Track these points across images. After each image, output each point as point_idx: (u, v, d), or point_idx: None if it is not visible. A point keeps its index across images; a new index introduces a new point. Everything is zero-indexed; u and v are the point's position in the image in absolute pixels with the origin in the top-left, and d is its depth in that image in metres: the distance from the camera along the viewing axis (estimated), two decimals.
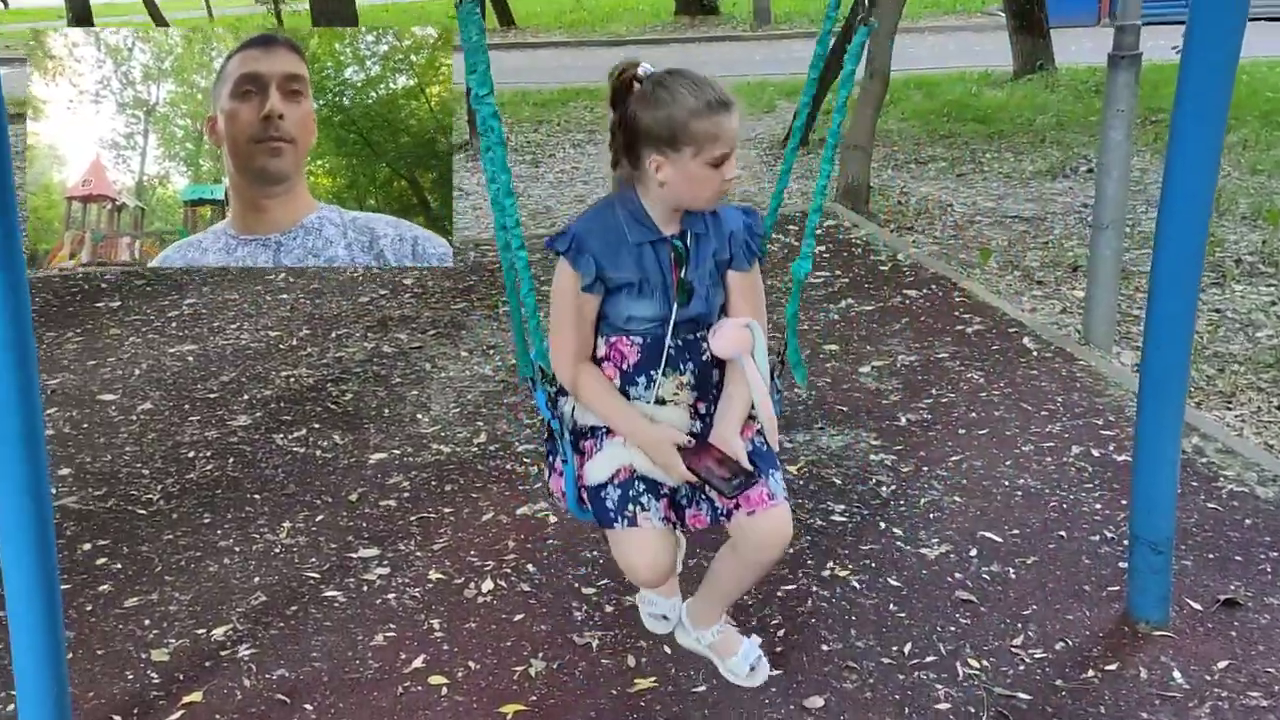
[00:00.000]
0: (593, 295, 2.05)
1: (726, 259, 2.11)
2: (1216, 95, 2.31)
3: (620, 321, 2.09)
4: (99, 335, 5.07)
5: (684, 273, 2.06)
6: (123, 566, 3.13)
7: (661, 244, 2.06)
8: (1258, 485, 3.33)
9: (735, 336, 2.11)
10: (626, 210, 2.06)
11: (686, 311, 2.08)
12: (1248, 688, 2.47)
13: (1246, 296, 5.28)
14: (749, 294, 2.16)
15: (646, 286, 2.05)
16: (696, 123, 1.93)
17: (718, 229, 2.10)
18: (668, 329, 2.08)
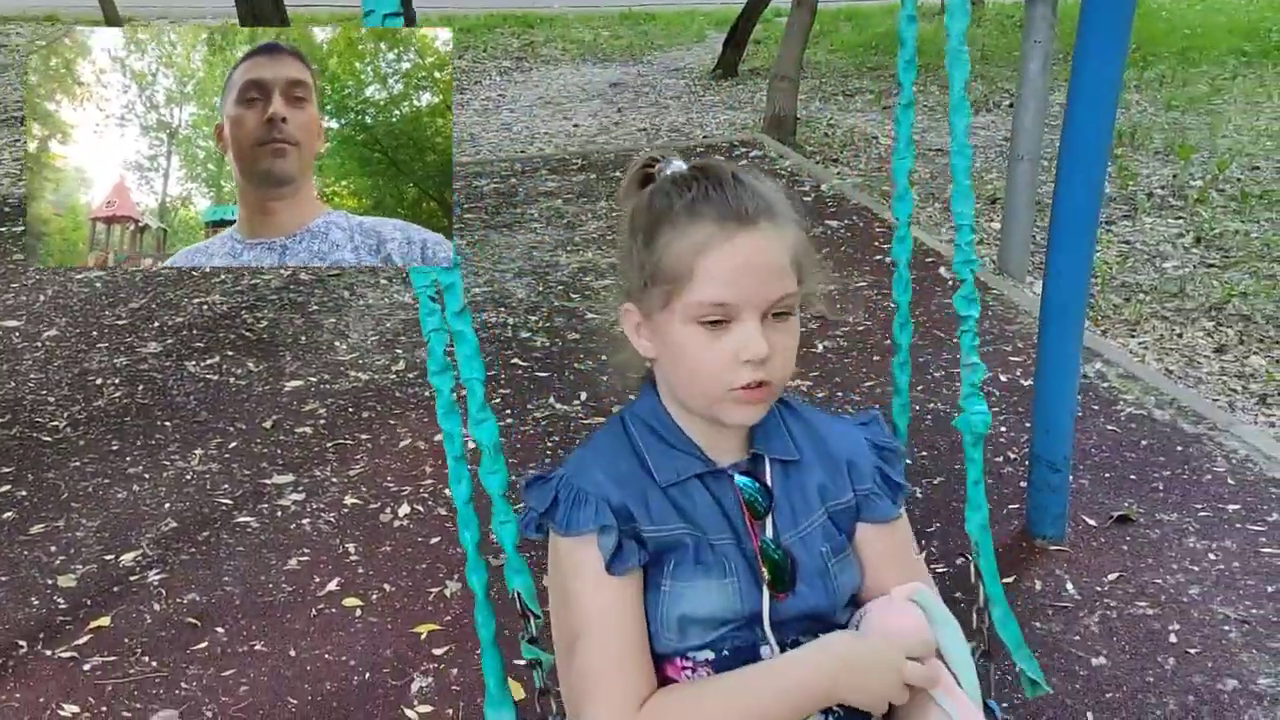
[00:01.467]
0: (629, 577, 1.17)
1: (849, 502, 1.27)
2: (1116, 28, 2.34)
3: (668, 632, 1.18)
4: (2, 261, 4.90)
5: (768, 530, 1.22)
6: (28, 494, 3.07)
7: (719, 479, 1.23)
8: (1155, 409, 3.45)
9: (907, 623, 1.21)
10: (644, 426, 1.24)
11: (793, 604, 1.21)
12: (1135, 598, 2.59)
13: (1155, 228, 5.42)
14: (899, 554, 1.30)
15: (710, 555, 1.19)
16: (668, 234, 1.15)
17: (820, 449, 1.28)
18: (761, 632, 1.20)
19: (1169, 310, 4.47)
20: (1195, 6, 11.98)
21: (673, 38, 11.25)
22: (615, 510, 1.16)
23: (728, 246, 1.12)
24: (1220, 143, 6.83)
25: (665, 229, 1.15)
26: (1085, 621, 2.51)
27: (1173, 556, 2.73)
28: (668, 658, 1.19)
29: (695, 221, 1.13)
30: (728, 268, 1.12)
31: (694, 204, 1.14)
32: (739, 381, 1.13)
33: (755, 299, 1.12)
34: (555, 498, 1.19)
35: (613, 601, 1.15)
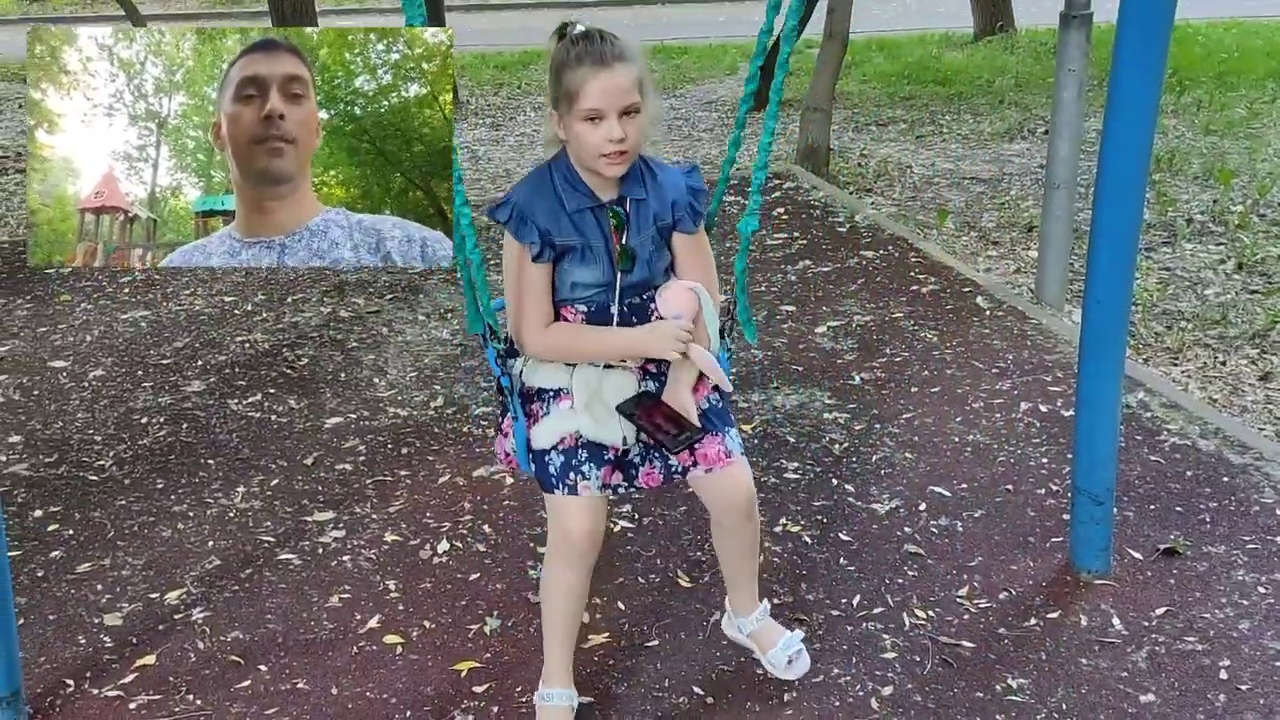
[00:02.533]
0: (544, 264, 2.03)
1: (669, 223, 2.09)
2: (1152, 54, 2.34)
3: (565, 290, 2.08)
4: (49, 302, 5.00)
5: (624, 239, 2.05)
6: (74, 533, 3.12)
7: (600, 210, 2.05)
8: (1199, 439, 3.40)
9: (681, 299, 2.10)
10: (561, 175, 2.05)
11: (630, 278, 2.07)
12: (1184, 633, 2.54)
13: (1196, 255, 5.36)
14: (696, 256, 2.14)
15: (590, 254, 2.04)
16: (568, 74, 1.93)
17: (658, 192, 2.08)
18: (613, 295, 2.07)
19: (1211, 338, 4.41)
20: (1232, 30, 11.88)
21: (705, 71, 11.32)
22: (540, 230, 2.00)
23: (596, 78, 1.91)
24: (1260, 167, 6.76)
25: (566, 69, 1.93)
26: (1133, 658, 2.47)
27: (1221, 590, 2.69)
28: (563, 304, 2.09)
29: (580, 64, 1.92)
30: (597, 90, 1.91)
31: (579, 54, 1.92)
32: (607, 150, 1.94)
33: (614, 106, 1.92)
34: (511, 215, 2.01)
35: (535, 276, 2.04)
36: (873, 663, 2.49)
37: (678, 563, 2.89)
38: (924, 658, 2.50)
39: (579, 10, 17.53)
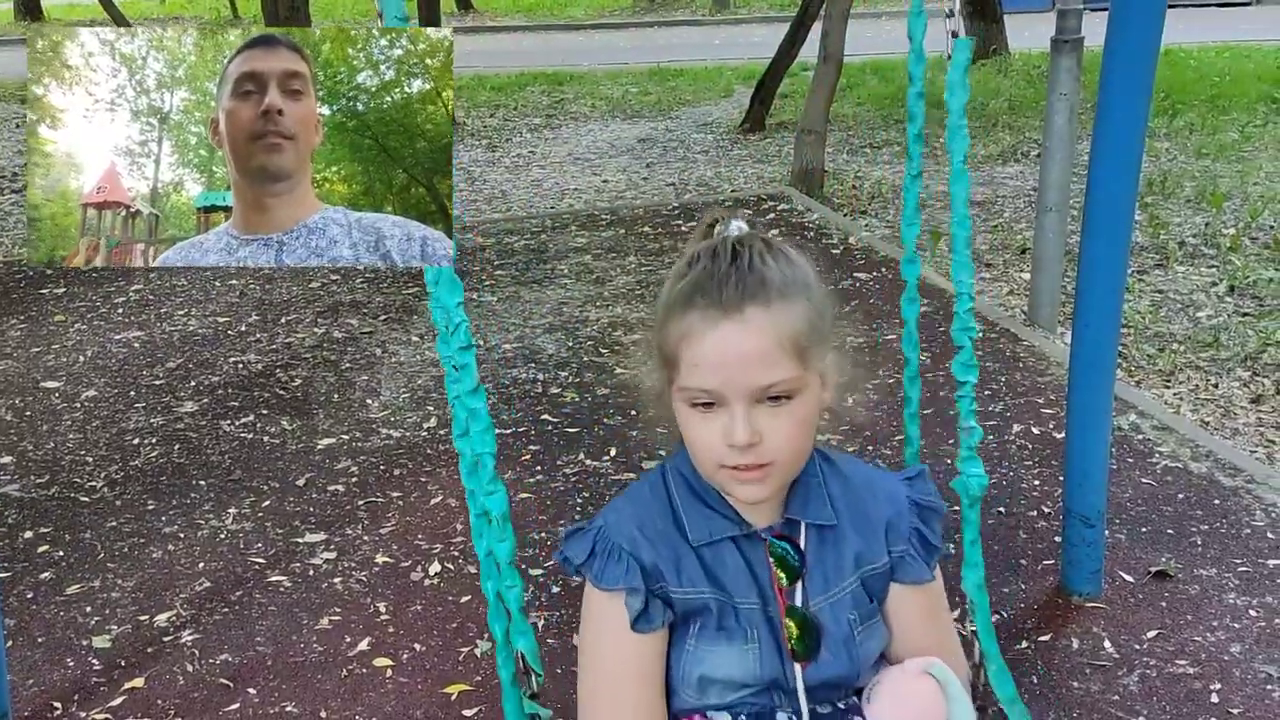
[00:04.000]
0: (653, 634, 1.21)
1: (884, 567, 1.27)
2: (1138, 79, 2.36)
3: (691, 688, 1.23)
4: (43, 322, 5.00)
5: (798, 598, 1.24)
6: (65, 554, 3.11)
7: (750, 542, 1.24)
8: (1191, 461, 3.41)
9: (925, 703, 1.23)
10: (685, 485, 1.25)
11: (815, 671, 1.23)
12: (1175, 656, 2.54)
13: (1188, 277, 5.38)
14: (929, 622, 1.31)
15: (734, 620, 1.21)
16: (670, 321, 1.17)
17: (858, 509, 1.28)
18: (782, 698, 1.23)
19: (1203, 360, 4.42)
20: (1224, 54, 11.96)
21: (700, 93, 11.38)
22: (646, 570, 1.19)
23: (710, 337, 1.13)
24: (1252, 190, 6.79)
25: (668, 310, 1.18)
26: (1124, 680, 2.47)
27: (1213, 613, 2.68)
28: (687, 713, 1.23)
29: (687, 309, 1.15)
30: (710, 359, 1.13)
31: (688, 290, 1.16)
32: (730, 461, 1.15)
33: (740, 388, 1.13)
34: (593, 549, 1.23)
35: (633, 655, 1.21)
36: None
37: None
38: None
39: (571, 34, 17.65)
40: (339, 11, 19.95)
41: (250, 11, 18.14)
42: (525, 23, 19.17)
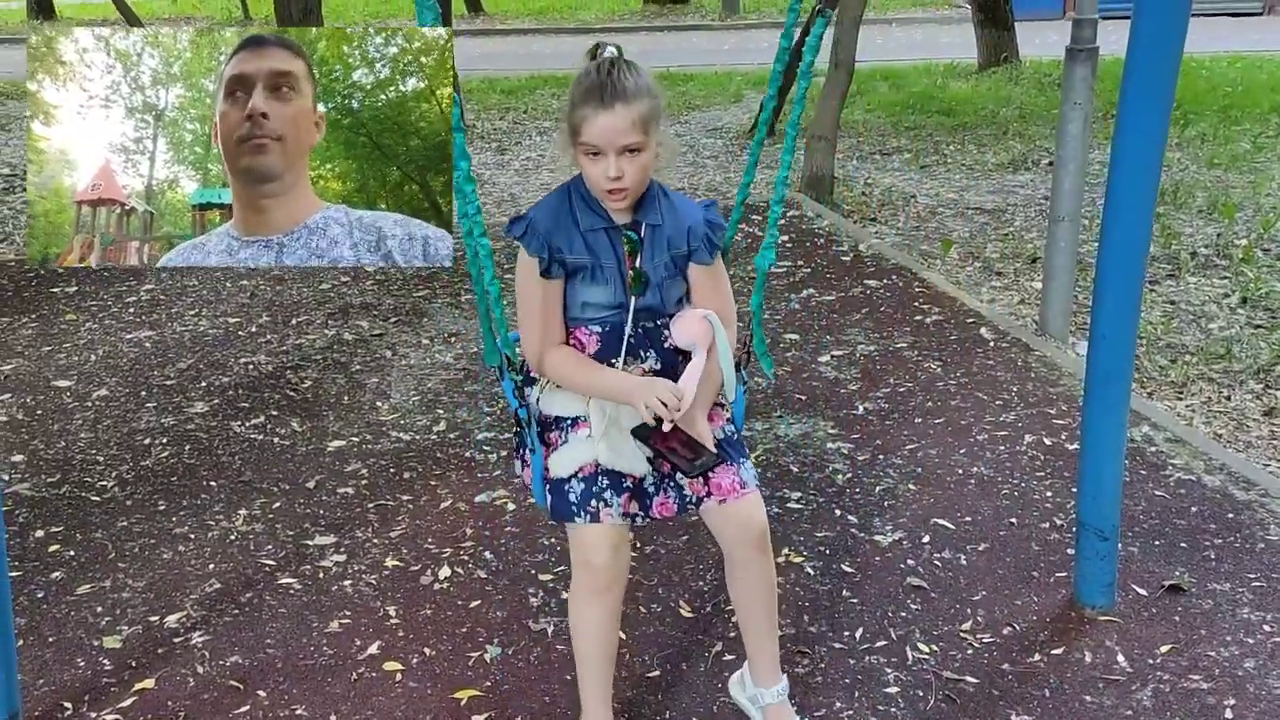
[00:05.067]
0: (553, 280, 2.04)
1: (685, 252, 2.09)
2: (1160, 90, 2.35)
3: (577, 309, 2.08)
4: (54, 321, 5.01)
5: (638, 262, 2.06)
6: (75, 553, 3.11)
7: (614, 231, 2.05)
8: (1204, 474, 3.39)
9: (694, 327, 2.10)
10: (579, 195, 2.06)
11: (643, 300, 2.08)
12: (1189, 671, 2.52)
13: (1201, 288, 5.36)
14: (712, 286, 2.14)
15: (601, 273, 2.05)
16: (575, 111, 1.95)
17: (675, 221, 2.08)
18: (626, 317, 2.07)
19: (1216, 372, 4.41)
20: (1236, 65, 11.95)
21: (710, 98, 11.38)
22: (550, 246, 2.02)
23: (595, 118, 1.92)
24: (1265, 201, 6.78)
25: (573, 99, 1.95)
26: (1138, 695, 2.45)
27: (1226, 628, 2.67)
28: (576, 325, 2.10)
29: (584, 101, 1.93)
30: (594, 130, 1.92)
31: (583, 92, 1.93)
32: (606, 187, 1.97)
33: (612, 145, 1.93)
34: (525, 230, 2.02)
35: (543, 292, 2.05)
36: (875, 697, 2.47)
37: (680, 593, 2.87)
38: (927, 693, 2.48)
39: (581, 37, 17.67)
40: (352, 14, 19.98)
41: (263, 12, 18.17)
42: (535, 26, 19.19)
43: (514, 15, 20.34)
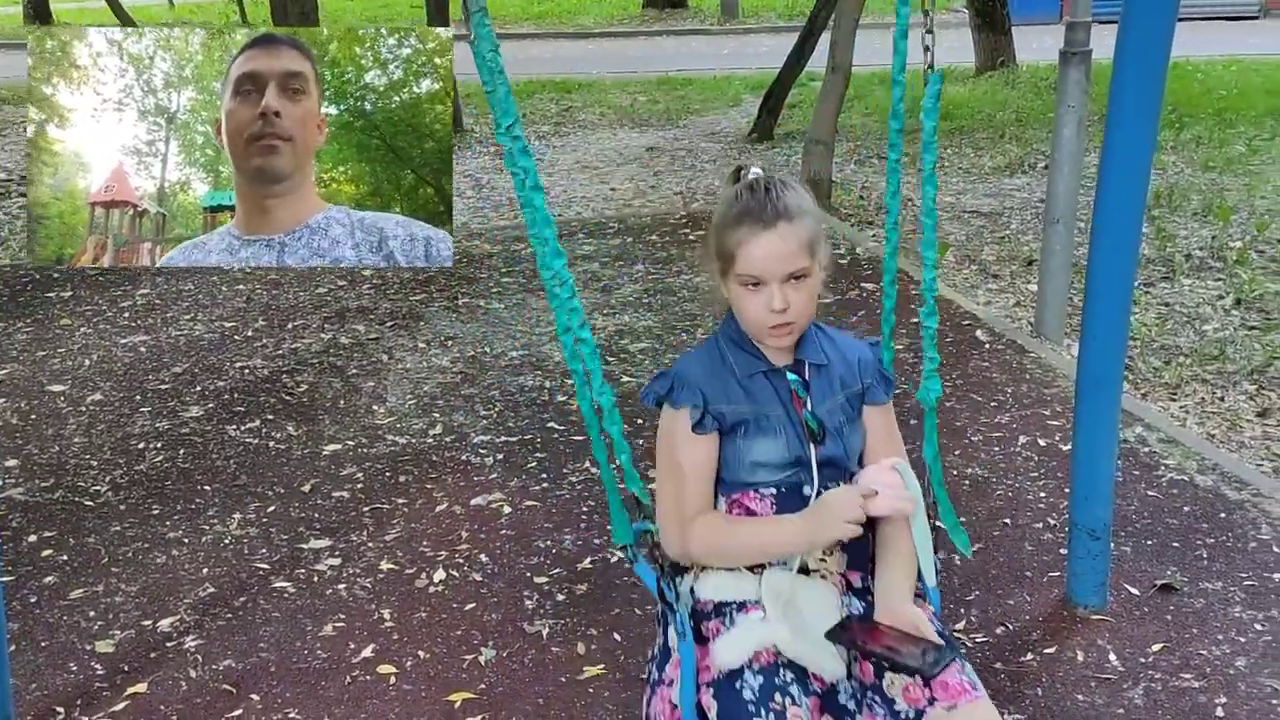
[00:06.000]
0: (707, 435, 1.75)
1: (858, 390, 1.83)
2: (1148, 92, 2.35)
3: (745, 470, 1.77)
4: (49, 326, 5.02)
5: (809, 408, 1.78)
6: (69, 558, 3.11)
7: (775, 374, 1.79)
8: (1197, 474, 3.40)
9: (888, 477, 1.74)
10: (729, 339, 1.82)
11: (823, 451, 1.77)
12: (1180, 670, 2.53)
13: (1195, 290, 5.37)
14: (888, 432, 1.87)
15: (767, 422, 1.76)
16: (726, 234, 1.73)
17: (841, 356, 1.84)
18: (808, 475, 1.76)
19: (1210, 373, 4.41)
20: (1231, 68, 11.96)
21: (709, 103, 11.39)
22: (705, 395, 1.76)
23: (755, 241, 1.70)
24: (1259, 203, 6.78)
25: (725, 225, 1.74)
26: (1129, 694, 2.46)
27: (1218, 627, 2.67)
28: (743, 489, 1.79)
29: (738, 225, 1.72)
30: (756, 255, 1.71)
31: (739, 212, 1.73)
32: (769, 323, 1.73)
33: (775, 273, 1.70)
34: (671, 386, 1.79)
35: (693, 450, 1.77)
36: None
37: None
38: None
39: (579, 42, 17.71)
40: (348, 18, 20.01)
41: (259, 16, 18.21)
42: (534, 30, 19.21)
43: (513, 19, 20.36)
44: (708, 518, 1.77)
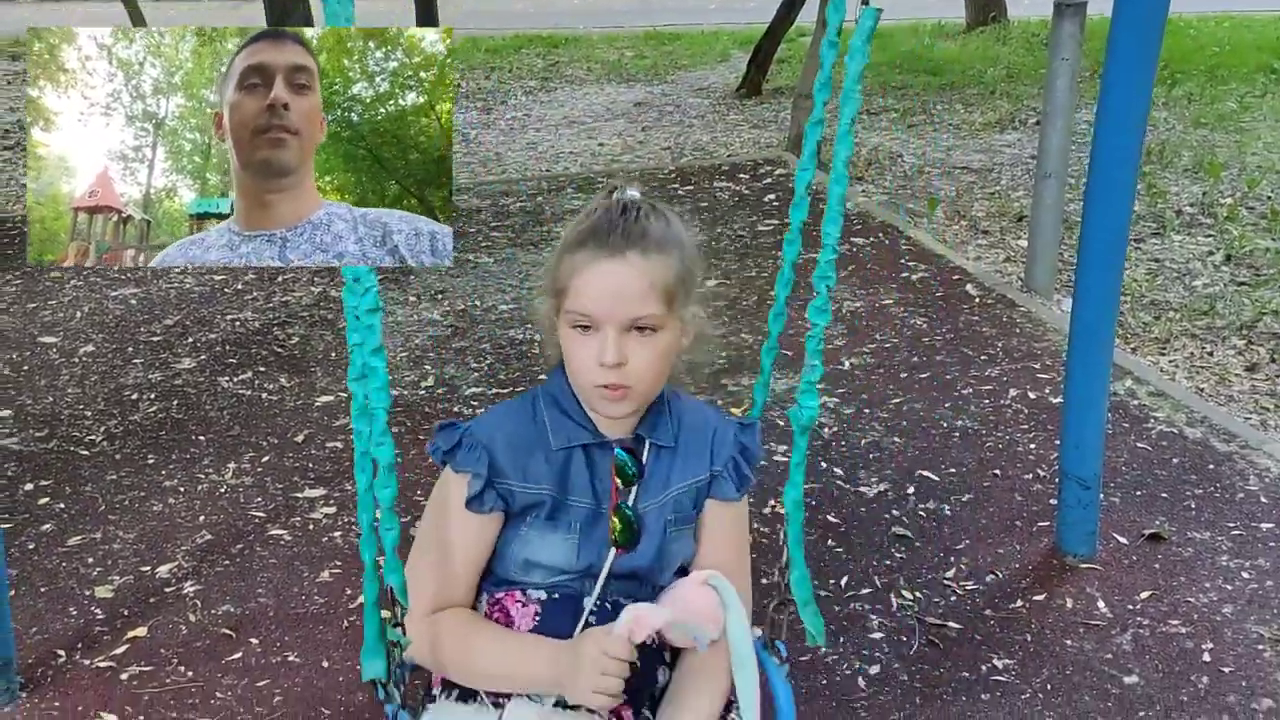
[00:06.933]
0: (484, 515, 1.39)
1: (703, 482, 1.47)
2: (1146, 47, 2.35)
3: (515, 568, 1.42)
4: (39, 278, 4.98)
5: (631, 499, 1.43)
6: (65, 506, 3.12)
7: (601, 450, 1.44)
8: (1186, 426, 3.44)
9: (702, 605, 1.40)
10: (550, 397, 1.45)
11: (627, 560, 1.42)
12: (1168, 616, 2.57)
13: (1185, 246, 5.39)
14: (726, 537, 1.50)
15: (563, 514, 1.41)
16: (564, 259, 1.37)
17: (693, 442, 1.47)
18: (592, 585, 1.41)
19: (1199, 328, 4.44)
20: (1224, 24, 11.93)
21: (697, 58, 11.30)
22: (494, 466, 1.38)
23: (595, 270, 1.33)
24: (1250, 160, 6.80)
25: (564, 250, 1.38)
26: (1117, 640, 2.50)
27: (1205, 575, 2.72)
28: (509, 587, 1.43)
29: (579, 248, 1.36)
30: (591, 288, 1.33)
31: (582, 233, 1.37)
32: (599, 380, 1.35)
33: (614, 316, 1.33)
34: (458, 443, 1.40)
35: (460, 530, 1.40)
36: (860, 642, 2.51)
37: None
38: (910, 638, 2.52)
39: None
40: None
41: None
42: None
43: None
44: (457, 615, 1.41)
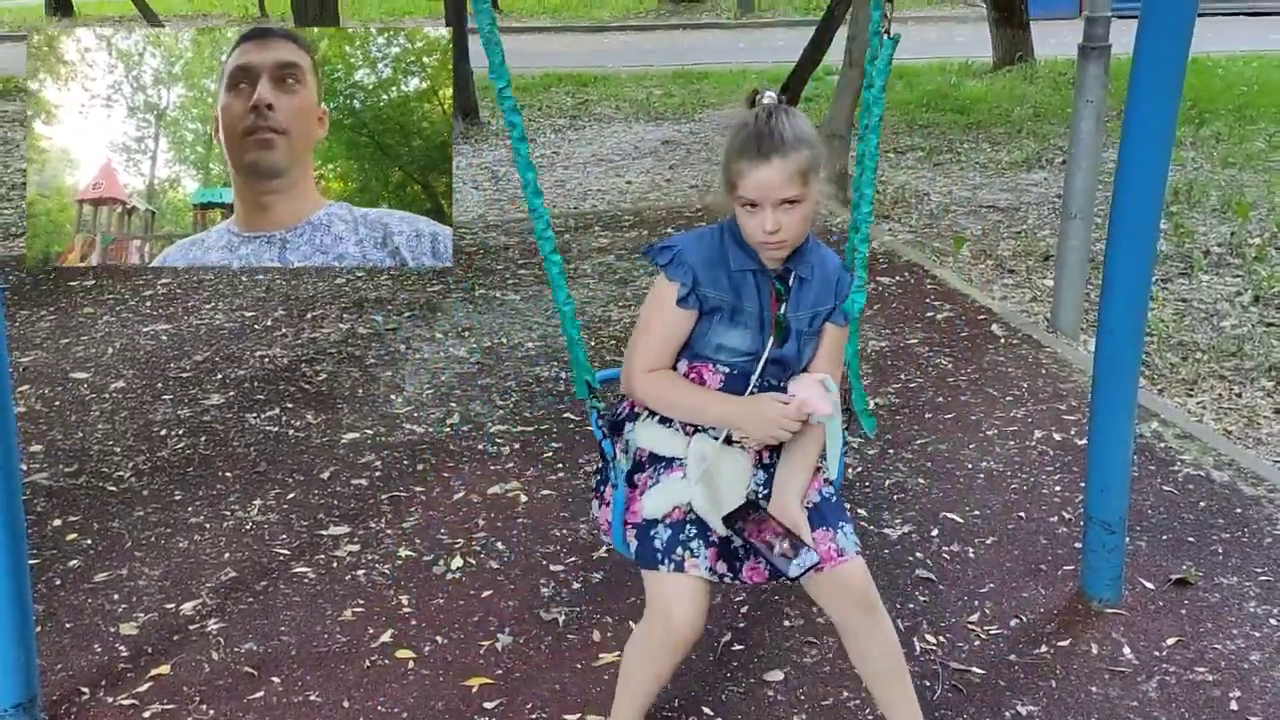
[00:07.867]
0: (687, 310, 1.98)
1: (828, 309, 2.04)
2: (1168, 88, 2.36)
3: (708, 349, 2.02)
4: (72, 314, 5.07)
5: (783, 311, 2.00)
6: (93, 542, 3.15)
7: (763, 276, 1.99)
8: (1213, 469, 3.40)
9: (814, 387, 2.01)
10: (731, 235, 2.01)
11: (779, 351, 2.01)
12: (1195, 663, 2.54)
13: (1213, 286, 5.36)
14: (836, 350, 2.10)
15: (741, 315, 1.99)
16: (731, 164, 1.92)
17: (823, 276, 2.04)
18: (757, 366, 2.00)
19: (1227, 369, 4.40)
20: (1252, 64, 11.89)
21: (725, 96, 11.38)
22: (695, 279, 1.96)
23: (752, 172, 1.89)
24: (1279, 200, 6.75)
25: (730, 153, 1.93)
26: (1143, 687, 2.47)
27: (1233, 621, 2.68)
28: (703, 361, 2.03)
29: (741, 156, 1.90)
30: (751, 184, 1.89)
31: (741, 143, 1.91)
32: (763, 239, 1.92)
33: (769, 199, 1.89)
34: (671, 259, 1.98)
35: (669, 320, 2.00)
36: None
37: None
38: (934, 683, 2.50)
39: (596, 35, 17.72)
40: (368, 12, 20.06)
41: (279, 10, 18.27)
42: (551, 24, 19.22)
43: (529, 13, 20.38)
44: (663, 373, 2.03)
